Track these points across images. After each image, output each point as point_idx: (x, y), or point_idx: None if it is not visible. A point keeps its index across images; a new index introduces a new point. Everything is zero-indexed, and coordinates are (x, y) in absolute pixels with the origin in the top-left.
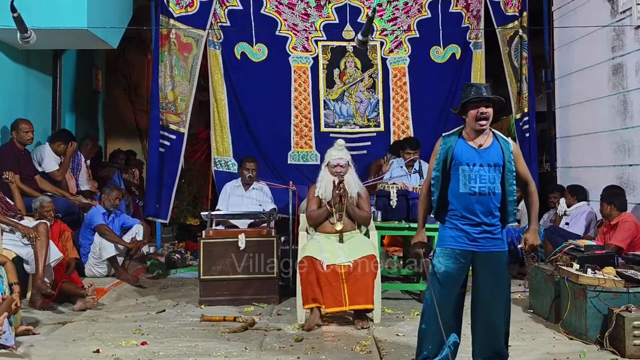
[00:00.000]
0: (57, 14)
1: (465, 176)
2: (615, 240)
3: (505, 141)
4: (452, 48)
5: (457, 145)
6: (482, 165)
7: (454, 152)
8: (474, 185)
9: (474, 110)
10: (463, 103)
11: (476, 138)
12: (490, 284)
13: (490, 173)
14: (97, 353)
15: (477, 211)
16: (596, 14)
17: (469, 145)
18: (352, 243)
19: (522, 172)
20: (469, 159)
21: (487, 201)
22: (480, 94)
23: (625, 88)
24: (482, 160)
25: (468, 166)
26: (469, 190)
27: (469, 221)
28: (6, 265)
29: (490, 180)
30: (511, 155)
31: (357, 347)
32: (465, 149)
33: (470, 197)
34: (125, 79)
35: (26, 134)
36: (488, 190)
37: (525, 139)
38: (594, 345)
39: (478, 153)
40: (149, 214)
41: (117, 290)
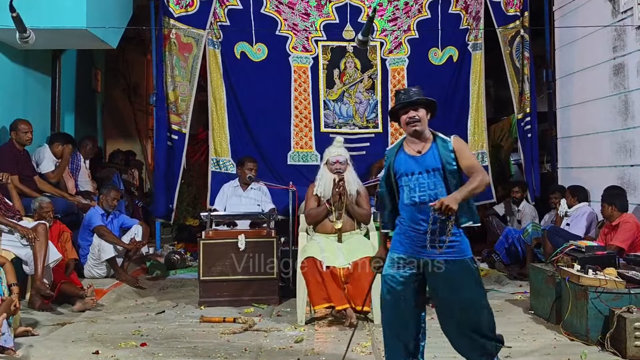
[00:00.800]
0: (56, 13)
1: (408, 187)
2: (616, 241)
3: (443, 141)
4: (450, 50)
5: (397, 157)
6: (420, 173)
7: (394, 165)
8: (414, 195)
9: (404, 115)
10: (393, 111)
11: (414, 145)
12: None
13: (429, 179)
14: (96, 354)
15: (421, 220)
16: (597, 14)
17: (407, 155)
18: (352, 244)
19: (466, 164)
20: (407, 169)
21: (430, 209)
22: (410, 99)
23: (627, 88)
24: (420, 167)
25: (407, 176)
26: (411, 201)
27: (414, 230)
28: (5, 266)
29: (430, 187)
30: (450, 155)
31: (357, 348)
32: (404, 159)
33: (412, 207)
34: (124, 79)
35: (25, 134)
36: (429, 197)
37: (527, 139)
38: (595, 346)
39: (416, 160)
40: (159, 216)
41: (117, 291)
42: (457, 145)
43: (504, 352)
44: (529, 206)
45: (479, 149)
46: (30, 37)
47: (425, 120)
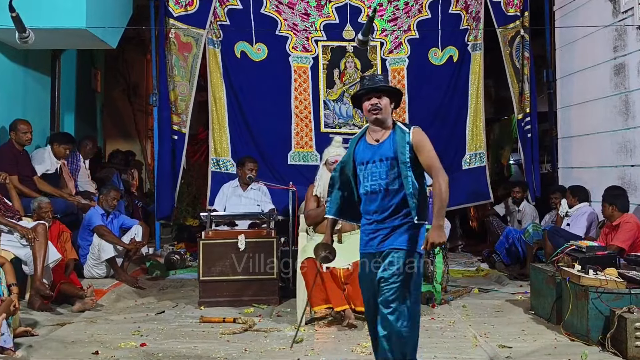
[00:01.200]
0: (56, 13)
1: (363, 176)
2: (617, 241)
3: (402, 131)
4: (450, 50)
5: (357, 145)
6: (374, 162)
7: (355, 152)
8: (366, 184)
9: (366, 102)
10: (356, 96)
11: (374, 133)
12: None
13: (381, 168)
14: (96, 355)
15: (371, 211)
16: (598, 14)
17: (367, 143)
18: (352, 244)
19: (425, 162)
20: (363, 158)
21: (381, 199)
22: (373, 85)
23: (627, 88)
24: (375, 156)
25: (362, 165)
26: (363, 190)
27: (367, 222)
28: (4, 266)
29: (381, 177)
30: (406, 146)
31: (357, 349)
32: (363, 148)
33: (364, 196)
34: (124, 79)
35: (25, 134)
36: (379, 187)
37: (527, 140)
38: (596, 346)
39: (373, 149)
40: (163, 218)
41: (116, 292)
42: (416, 137)
43: (505, 352)
44: (529, 206)
45: (477, 149)
46: (29, 37)
47: (388, 109)
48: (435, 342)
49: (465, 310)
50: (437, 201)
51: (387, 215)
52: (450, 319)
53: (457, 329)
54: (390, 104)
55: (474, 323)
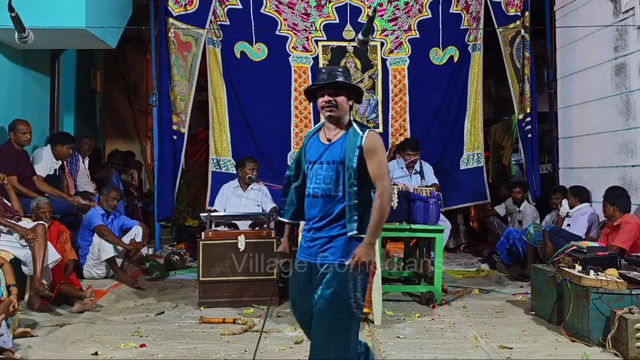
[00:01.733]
0: (55, 13)
1: (308, 176)
2: (617, 242)
3: (355, 133)
4: (451, 50)
5: (310, 141)
6: (321, 163)
7: (306, 148)
8: (309, 186)
9: (320, 98)
10: (309, 90)
11: (328, 131)
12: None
13: (327, 172)
14: (95, 355)
15: (311, 216)
16: (599, 14)
17: (319, 141)
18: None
19: (372, 169)
20: (311, 156)
21: (322, 205)
22: (330, 80)
23: (628, 88)
24: (322, 157)
25: (310, 164)
26: (306, 192)
27: (306, 228)
28: (4, 267)
29: (325, 181)
30: (356, 151)
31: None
32: (315, 145)
33: (306, 199)
34: (124, 79)
35: (24, 134)
36: (321, 191)
37: (527, 140)
38: (597, 347)
39: (322, 149)
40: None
41: (116, 292)
42: (368, 143)
43: (505, 353)
44: (530, 207)
45: (475, 149)
46: (29, 37)
47: (345, 107)
48: (436, 343)
49: (466, 311)
50: (376, 215)
51: (325, 223)
52: (451, 320)
53: (457, 330)
54: (349, 102)
55: (474, 324)
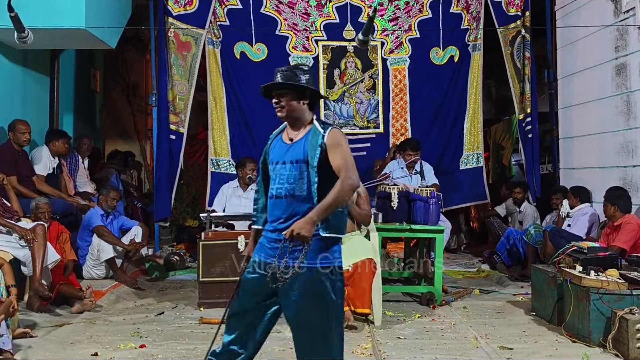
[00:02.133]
0: (55, 13)
1: (271, 177)
2: (618, 242)
3: (316, 132)
4: (451, 50)
5: (274, 142)
6: (284, 163)
7: (269, 150)
8: (272, 186)
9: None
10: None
11: (290, 131)
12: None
13: (289, 171)
14: (95, 356)
15: (276, 217)
16: (599, 14)
17: (282, 141)
18: (352, 245)
19: (335, 163)
20: (274, 157)
21: (286, 205)
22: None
23: (629, 88)
24: (285, 156)
25: (272, 165)
26: (269, 194)
27: (269, 229)
28: (3, 267)
29: (288, 180)
30: (317, 149)
31: (357, 350)
32: (277, 146)
33: (270, 200)
34: (123, 79)
35: (23, 134)
36: (285, 191)
37: (528, 140)
38: (597, 348)
39: (285, 148)
40: (161, 218)
41: (116, 293)
42: (330, 140)
43: (506, 354)
44: (530, 207)
45: (475, 150)
46: (28, 37)
47: (294, 107)
48: (436, 344)
49: (466, 311)
50: (330, 196)
51: (291, 223)
52: (451, 320)
53: (457, 330)
54: (301, 101)
55: (474, 324)
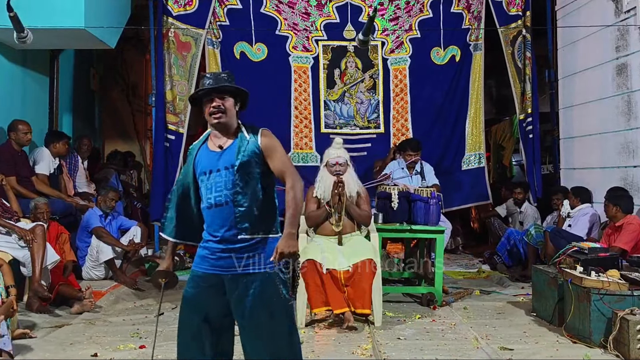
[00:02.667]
0: (54, 13)
1: (205, 187)
2: (619, 243)
3: (246, 136)
4: (452, 50)
5: (199, 152)
6: (218, 170)
7: (195, 161)
8: (209, 196)
9: (208, 104)
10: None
11: (217, 139)
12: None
13: (226, 177)
14: (94, 357)
15: (218, 226)
16: (600, 14)
17: (209, 150)
18: (352, 246)
19: (278, 168)
20: (205, 167)
21: (227, 212)
22: (216, 84)
23: (630, 88)
24: (219, 164)
25: (205, 175)
26: (207, 204)
27: (213, 239)
28: (2, 268)
29: (226, 187)
30: (254, 152)
31: (358, 351)
32: (205, 155)
33: (208, 211)
34: (123, 79)
35: (25, 135)
36: (225, 198)
37: (528, 140)
38: (598, 348)
39: (216, 157)
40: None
41: (115, 293)
42: (265, 142)
43: (506, 354)
44: (531, 207)
45: (476, 150)
46: (28, 37)
47: (233, 112)
48: (437, 344)
49: (467, 312)
50: (291, 207)
51: (237, 231)
52: (452, 321)
53: (458, 331)
54: (235, 106)
55: (475, 325)
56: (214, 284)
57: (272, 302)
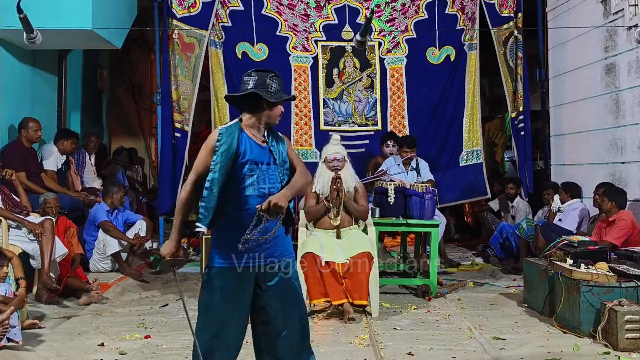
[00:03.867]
0: (63, 15)
1: (257, 176)
2: (610, 238)
3: (276, 137)
4: (447, 50)
5: (242, 141)
6: (268, 164)
7: (240, 149)
8: (264, 186)
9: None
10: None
11: (258, 133)
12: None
13: (274, 172)
14: (101, 346)
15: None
16: (589, 15)
17: (254, 142)
18: (350, 239)
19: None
20: (257, 157)
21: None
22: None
23: (618, 87)
24: (268, 158)
25: (257, 165)
26: (259, 192)
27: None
28: (13, 260)
29: (277, 180)
30: (286, 154)
31: (355, 341)
32: (254, 146)
33: (259, 199)
34: (129, 78)
35: (35, 132)
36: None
37: (520, 137)
38: (587, 338)
39: (266, 150)
40: (164, 212)
41: (121, 285)
42: (289, 147)
43: (499, 344)
44: (522, 202)
45: (474, 146)
46: (37, 38)
47: None
48: (431, 334)
49: (461, 303)
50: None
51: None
52: (446, 312)
53: (452, 322)
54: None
55: (468, 316)
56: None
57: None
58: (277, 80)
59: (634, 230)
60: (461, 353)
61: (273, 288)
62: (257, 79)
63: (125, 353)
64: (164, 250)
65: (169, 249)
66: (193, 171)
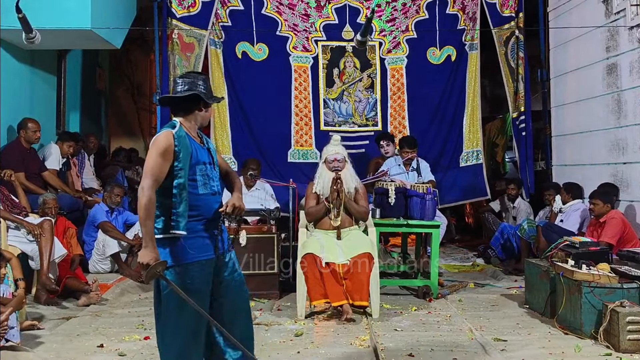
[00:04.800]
0: (62, 14)
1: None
2: (605, 237)
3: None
4: (448, 50)
5: (191, 143)
6: (210, 163)
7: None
8: (213, 184)
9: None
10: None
11: (194, 134)
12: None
13: (216, 170)
14: (101, 347)
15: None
16: (591, 15)
17: (197, 143)
18: (350, 240)
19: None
20: (203, 157)
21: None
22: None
23: (619, 87)
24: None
25: (204, 165)
26: (211, 190)
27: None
28: (12, 261)
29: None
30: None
31: (356, 342)
32: (199, 147)
33: (211, 197)
34: (128, 78)
35: (34, 133)
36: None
37: (521, 138)
38: (589, 339)
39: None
40: None
41: (121, 286)
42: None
43: (500, 345)
44: (524, 203)
45: (474, 147)
46: (36, 38)
47: None
48: (432, 335)
49: (462, 304)
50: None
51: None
52: (447, 313)
53: (453, 323)
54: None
55: (469, 317)
56: (211, 269)
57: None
58: (207, 82)
59: (625, 227)
60: (462, 354)
61: (227, 279)
62: (189, 81)
63: (124, 354)
64: (146, 258)
65: (152, 254)
66: (149, 176)
